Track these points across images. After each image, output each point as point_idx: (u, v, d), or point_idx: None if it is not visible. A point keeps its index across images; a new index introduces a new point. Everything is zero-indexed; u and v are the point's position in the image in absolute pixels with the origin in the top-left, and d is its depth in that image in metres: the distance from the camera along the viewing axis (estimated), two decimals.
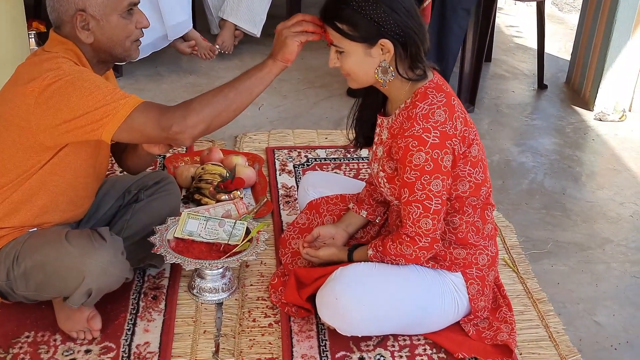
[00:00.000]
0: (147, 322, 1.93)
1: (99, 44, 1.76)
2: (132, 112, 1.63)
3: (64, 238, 1.75)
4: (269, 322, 1.95)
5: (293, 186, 2.62)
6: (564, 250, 2.39)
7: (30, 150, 1.73)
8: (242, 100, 1.71)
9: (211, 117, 1.67)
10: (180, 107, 1.67)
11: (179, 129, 1.64)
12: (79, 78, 1.66)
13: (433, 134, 1.66)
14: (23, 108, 1.67)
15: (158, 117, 1.64)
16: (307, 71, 3.74)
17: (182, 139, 1.66)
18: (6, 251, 1.79)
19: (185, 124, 1.64)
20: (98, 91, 1.64)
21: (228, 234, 2.03)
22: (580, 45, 3.60)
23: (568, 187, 2.79)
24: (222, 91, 1.69)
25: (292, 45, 1.70)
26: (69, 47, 1.75)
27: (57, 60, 1.70)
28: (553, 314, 2.03)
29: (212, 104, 1.67)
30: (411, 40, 1.66)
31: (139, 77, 3.53)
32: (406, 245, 1.74)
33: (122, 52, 1.80)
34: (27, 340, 1.85)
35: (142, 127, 1.64)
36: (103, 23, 1.74)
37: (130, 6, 1.76)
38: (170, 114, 1.65)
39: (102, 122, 1.63)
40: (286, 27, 1.71)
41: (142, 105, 1.65)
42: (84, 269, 1.71)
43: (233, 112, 1.71)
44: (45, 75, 1.65)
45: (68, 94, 1.63)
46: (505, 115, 3.40)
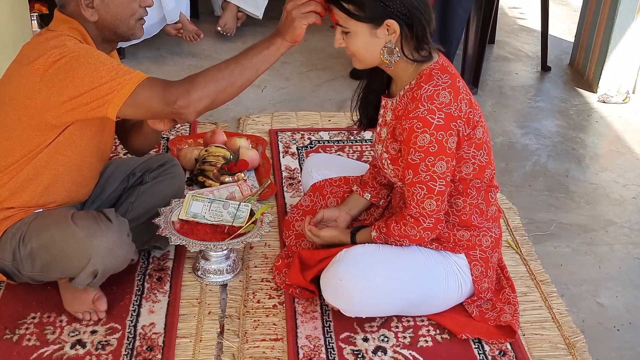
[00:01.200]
0: (152, 303, 1.94)
1: (103, 22, 1.76)
2: (137, 87, 1.63)
3: (70, 219, 1.76)
4: (273, 304, 1.96)
5: (296, 168, 2.62)
6: (567, 232, 2.39)
7: (35, 129, 1.73)
8: (247, 76, 1.70)
9: (216, 92, 1.67)
10: (185, 81, 1.67)
11: (184, 104, 1.64)
12: (83, 55, 1.66)
13: (438, 115, 1.65)
14: (28, 86, 1.67)
15: (163, 91, 1.64)
16: (310, 53, 3.72)
17: (187, 114, 1.66)
18: (12, 232, 1.80)
19: (189, 98, 1.64)
20: (103, 67, 1.64)
21: (232, 215, 2.03)
22: (584, 27, 3.58)
23: (571, 169, 2.78)
24: (228, 67, 1.69)
25: (300, 27, 1.69)
26: (74, 26, 1.75)
27: (62, 38, 1.70)
28: (556, 296, 2.04)
29: (217, 79, 1.67)
30: (417, 21, 1.66)
31: (141, 59, 3.52)
32: (410, 226, 1.75)
33: (126, 31, 1.79)
34: (33, 321, 1.86)
35: (147, 101, 1.64)
36: (107, 1, 1.74)
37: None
38: (175, 88, 1.65)
39: (107, 97, 1.63)
40: (296, 7, 1.69)
41: (147, 80, 1.65)
42: (90, 249, 1.72)
43: (238, 88, 1.71)
44: (50, 52, 1.65)
45: (73, 71, 1.63)
46: (509, 97, 3.39)
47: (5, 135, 1.76)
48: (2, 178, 1.79)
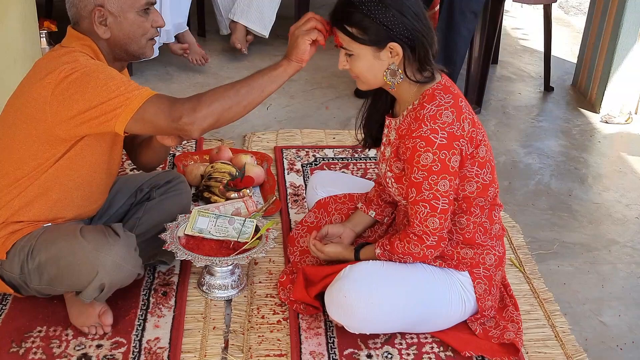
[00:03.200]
0: (157, 317, 1.95)
1: (115, 40, 1.80)
2: (145, 103, 1.66)
3: (79, 233, 1.77)
4: (277, 319, 1.97)
5: (301, 185, 2.64)
6: (570, 251, 2.40)
7: (46, 143, 1.76)
8: (253, 97, 1.73)
9: (221, 110, 1.69)
10: (192, 99, 1.70)
11: (189, 120, 1.66)
12: (94, 70, 1.69)
13: (440, 134, 1.68)
14: (40, 100, 1.70)
15: (169, 108, 1.67)
16: (315, 72, 3.76)
17: (191, 130, 1.68)
18: (21, 245, 1.82)
19: (194, 115, 1.66)
20: (112, 82, 1.67)
21: (237, 231, 2.05)
22: (587, 48, 3.61)
23: (574, 188, 2.80)
24: (234, 87, 1.72)
25: (303, 45, 1.73)
26: (86, 43, 1.79)
27: (74, 54, 1.73)
28: (559, 314, 2.05)
29: (222, 98, 1.70)
30: (420, 44, 1.69)
31: (148, 76, 3.56)
32: (414, 244, 1.76)
33: (137, 49, 1.83)
34: (39, 335, 1.87)
35: (154, 117, 1.67)
36: (120, 19, 1.77)
37: (147, 5, 1.80)
38: (181, 105, 1.67)
39: (116, 112, 1.65)
40: (298, 27, 1.74)
41: (154, 97, 1.68)
42: (98, 263, 1.74)
43: (243, 108, 1.73)
44: (62, 68, 1.69)
45: (83, 86, 1.66)
46: (512, 117, 3.42)
47: (16, 148, 1.79)
48: (12, 191, 1.81)
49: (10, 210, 1.82)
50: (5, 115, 1.83)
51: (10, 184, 1.81)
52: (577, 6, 5.23)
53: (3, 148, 1.82)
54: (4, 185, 1.82)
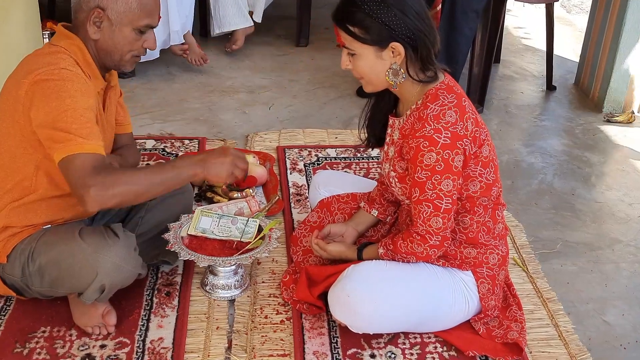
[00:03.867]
0: (160, 318, 1.95)
1: (102, 44, 1.80)
2: (79, 154, 1.64)
3: (77, 235, 1.77)
4: (280, 319, 1.98)
5: (304, 185, 2.64)
6: (573, 250, 2.40)
7: (29, 145, 1.75)
8: (160, 191, 1.76)
9: (126, 196, 1.68)
10: (109, 177, 1.66)
11: (94, 194, 1.62)
12: (65, 89, 1.67)
13: (444, 134, 1.68)
14: (18, 100, 1.71)
15: (89, 173, 1.64)
16: (317, 71, 3.76)
17: (89, 204, 1.63)
18: (21, 248, 1.82)
19: (103, 193, 1.63)
20: (73, 112, 1.65)
21: (240, 231, 2.05)
22: (589, 47, 3.61)
23: (577, 187, 2.80)
24: (149, 180, 1.70)
25: (225, 176, 1.77)
26: (74, 43, 1.78)
27: (58, 55, 1.73)
28: (563, 313, 2.05)
29: (136, 186, 1.69)
30: (422, 43, 1.69)
31: (151, 77, 3.56)
32: (417, 244, 1.76)
33: (119, 61, 1.83)
34: (43, 335, 1.88)
35: (72, 171, 1.64)
36: (115, 29, 1.78)
37: (147, 27, 1.81)
38: (97, 177, 1.64)
39: (56, 146, 1.65)
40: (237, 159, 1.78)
41: (89, 155, 1.65)
42: (97, 265, 1.74)
43: (145, 199, 1.77)
44: (41, 69, 1.69)
45: (49, 99, 1.66)
46: (514, 116, 3.42)
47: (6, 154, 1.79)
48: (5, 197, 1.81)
49: (7, 217, 1.82)
50: None
51: (5, 192, 1.81)
52: (578, 5, 5.22)
53: None
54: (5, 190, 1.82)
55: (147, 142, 2.91)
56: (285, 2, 4.40)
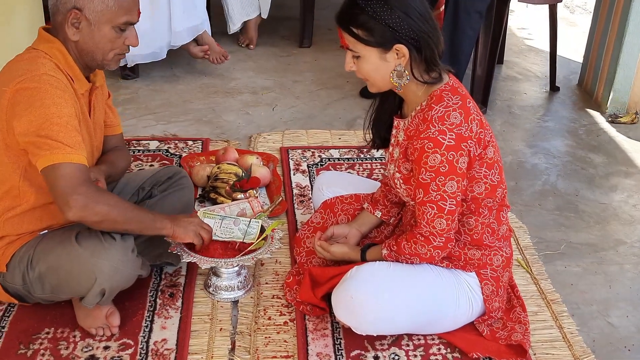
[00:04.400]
0: (164, 319, 1.95)
1: (83, 45, 1.77)
2: (67, 163, 1.64)
3: (74, 239, 1.77)
4: (284, 320, 1.97)
5: (307, 186, 2.64)
6: (577, 251, 2.40)
7: (14, 152, 1.75)
8: (132, 229, 1.79)
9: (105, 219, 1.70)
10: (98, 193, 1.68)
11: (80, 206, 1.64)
12: (47, 96, 1.67)
13: (449, 136, 1.67)
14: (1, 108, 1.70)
15: (79, 183, 1.65)
16: (320, 72, 3.76)
17: (71, 214, 1.65)
18: (20, 255, 1.82)
19: (89, 207, 1.66)
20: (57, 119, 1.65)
21: (243, 232, 2.05)
22: (593, 47, 3.60)
23: (581, 188, 2.79)
24: (130, 214, 1.76)
25: (192, 238, 1.87)
26: (55, 46, 1.76)
27: (38, 60, 1.72)
28: (567, 315, 2.04)
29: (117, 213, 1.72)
30: (425, 44, 1.69)
31: (155, 78, 3.56)
32: (420, 245, 1.76)
33: (101, 60, 1.81)
34: (47, 337, 1.88)
35: (61, 179, 1.65)
36: (94, 29, 1.75)
37: (126, 24, 1.78)
38: (88, 190, 1.65)
39: (41, 153, 1.64)
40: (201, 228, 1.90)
41: (75, 165, 1.66)
42: (95, 269, 1.74)
43: (119, 229, 1.78)
44: (22, 77, 1.68)
45: (32, 107, 1.65)
46: (518, 117, 3.41)
47: None
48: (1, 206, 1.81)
49: (2, 225, 1.82)
50: None
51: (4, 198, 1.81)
52: (582, 5, 5.21)
53: None
54: None
55: (151, 143, 2.91)
56: (289, 3, 4.40)
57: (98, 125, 1.95)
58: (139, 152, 2.82)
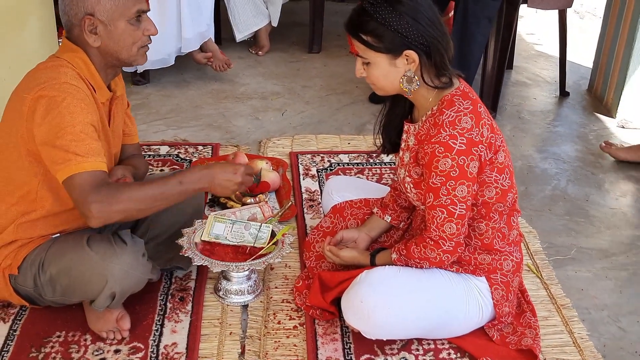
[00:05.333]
0: (174, 323, 1.96)
1: (105, 48, 1.79)
2: (79, 174, 1.66)
3: (85, 243, 1.78)
4: (293, 325, 1.98)
5: (317, 190, 2.65)
6: (587, 256, 2.39)
7: (31, 157, 1.77)
8: (162, 206, 1.77)
9: (129, 212, 1.71)
10: (111, 192, 1.68)
11: (96, 211, 1.65)
12: (65, 106, 1.68)
13: (459, 140, 1.68)
14: (19, 115, 1.72)
15: (89, 190, 1.66)
16: (330, 78, 3.77)
17: (93, 220, 1.66)
18: (31, 258, 1.83)
19: (105, 210, 1.66)
20: (72, 129, 1.67)
21: (254, 236, 2.06)
22: (603, 52, 3.60)
23: (591, 193, 2.78)
24: (152, 193, 1.72)
25: (231, 192, 1.82)
26: (78, 55, 1.78)
27: (59, 69, 1.73)
28: (577, 320, 2.04)
29: (138, 201, 1.70)
30: (435, 50, 1.69)
31: (165, 83, 3.58)
32: (430, 249, 1.76)
33: (128, 58, 1.82)
34: (58, 340, 1.89)
35: (74, 190, 1.67)
36: (111, 28, 1.76)
37: (138, 13, 1.79)
38: (99, 194, 1.66)
39: (58, 167, 1.67)
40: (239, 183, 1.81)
41: (88, 173, 1.67)
42: (106, 272, 1.75)
43: (150, 212, 1.77)
44: (43, 85, 1.69)
45: (50, 116, 1.67)
46: (527, 122, 3.41)
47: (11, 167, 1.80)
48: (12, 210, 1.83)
49: (15, 231, 1.84)
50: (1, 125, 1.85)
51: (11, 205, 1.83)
52: (591, 11, 5.20)
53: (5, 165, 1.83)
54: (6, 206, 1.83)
55: (161, 148, 2.93)
56: (298, 9, 4.42)
57: (117, 135, 1.97)
58: (149, 157, 2.84)
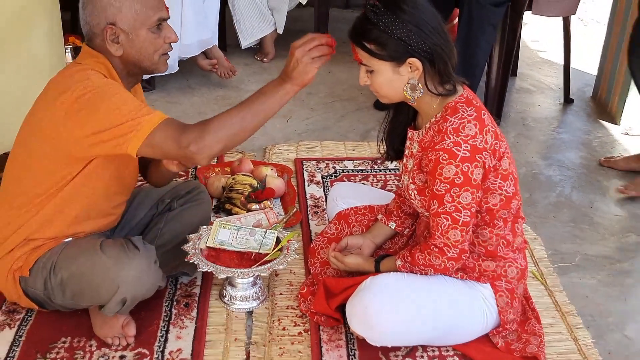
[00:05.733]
0: (179, 329, 1.97)
1: (127, 57, 1.81)
2: (155, 129, 1.67)
3: (99, 248, 1.79)
4: (298, 331, 1.98)
5: (321, 197, 2.65)
6: (592, 263, 2.39)
7: (61, 162, 1.78)
8: (258, 121, 1.73)
9: (228, 137, 1.70)
10: (199, 126, 1.69)
11: (196, 148, 1.66)
12: (107, 92, 1.70)
13: (463, 147, 1.68)
14: (54, 120, 1.72)
15: (177, 135, 1.67)
16: (335, 84, 3.78)
17: (199, 158, 1.68)
18: (43, 261, 1.84)
19: (202, 143, 1.67)
20: (125, 106, 1.68)
21: (259, 243, 2.07)
22: (607, 59, 3.60)
23: (596, 200, 2.78)
24: (239, 112, 1.71)
25: (311, 72, 1.72)
26: (100, 60, 1.80)
27: (87, 72, 1.75)
28: (582, 327, 2.03)
29: (229, 125, 1.70)
30: (439, 57, 1.70)
31: (170, 90, 3.59)
32: (434, 256, 1.76)
33: (150, 65, 1.84)
34: (63, 346, 1.89)
35: (162, 143, 1.68)
36: (132, 37, 1.78)
37: (159, 21, 1.81)
38: (189, 132, 1.67)
39: (127, 137, 1.67)
40: (305, 53, 1.71)
41: (164, 122, 1.69)
42: (118, 278, 1.76)
43: (249, 133, 1.75)
44: (75, 87, 1.70)
45: (96, 107, 1.68)
46: (532, 129, 3.41)
47: (33, 168, 1.82)
48: (30, 210, 1.84)
49: (30, 228, 1.85)
50: (22, 134, 1.86)
51: (28, 203, 1.84)
52: (595, 17, 5.21)
53: (21, 167, 1.85)
54: (22, 203, 1.84)
55: None
56: (304, 16, 4.44)
57: None
58: None
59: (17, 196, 1.85)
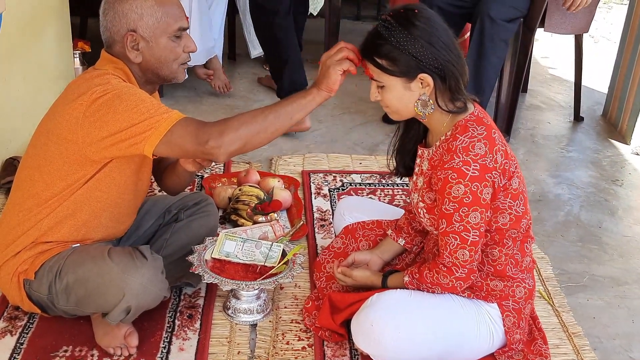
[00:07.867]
0: (182, 340, 1.95)
1: (147, 64, 1.82)
2: (173, 127, 1.67)
3: (107, 255, 1.79)
4: (302, 346, 1.96)
5: (328, 210, 2.64)
6: (599, 284, 2.36)
7: (76, 164, 1.79)
8: (280, 123, 1.73)
9: (248, 136, 1.70)
10: (219, 123, 1.71)
11: (215, 144, 1.67)
12: (125, 92, 1.71)
13: (473, 166, 1.67)
14: (72, 121, 1.73)
15: (196, 131, 1.68)
16: (343, 97, 3.77)
17: (217, 155, 1.69)
18: (49, 265, 1.83)
19: (222, 139, 1.67)
20: (142, 105, 1.69)
21: (264, 255, 2.05)
22: (618, 78, 3.58)
23: (604, 220, 2.76)
24: (262, 112, 1.73)
25: (335, 75, 1.73)
26: (119, 66, 1.81)
27: (107, 76, 1.76)
28: (589, 349, 2.01)
29: (250, 123, 1.70)
30: (450, 74, 1.68)
31: (178, 98, 3.60)
32: (443, 275, 1.75)
33: (168, 74, 1.85)
34: (65, 355, 1.88)
35: (181, 141, 1.68)
36: (152, 44, 1.80)
37: (179, 30, 1.82)
38: (208, 128, 1.68)
39: (145, 135, 1.67)
40: (329, 57, 1.74)
41: (182, 120, 1.69)
42: (125, 286, 1.75)
43: (271, 134, 1.74)
44: (94, 89, 1.71)
45: (114, 107, 1.68)
46: (541, 146, 3.39)
47: (46, 169, 1.82)
48: (41, 212, 1.84)
49: (39, 230, 1.85)
50: (37, 136, 1.87)
51: (39, 204, 1.84)
52: (606, 35, 5.20)
53: (34, 168, 1.84)
54: (33, 205, 1.84)
55: None
56: (314, 27, 4.44)
57: None
58: None
59: (28, 198, 1.85)
